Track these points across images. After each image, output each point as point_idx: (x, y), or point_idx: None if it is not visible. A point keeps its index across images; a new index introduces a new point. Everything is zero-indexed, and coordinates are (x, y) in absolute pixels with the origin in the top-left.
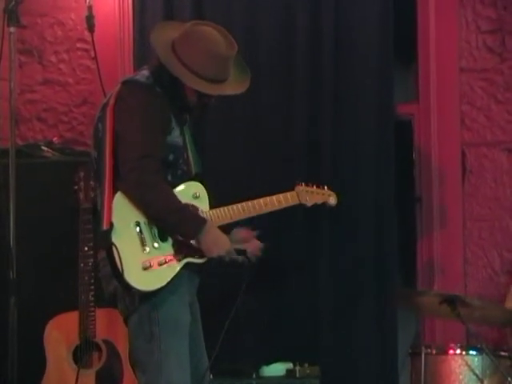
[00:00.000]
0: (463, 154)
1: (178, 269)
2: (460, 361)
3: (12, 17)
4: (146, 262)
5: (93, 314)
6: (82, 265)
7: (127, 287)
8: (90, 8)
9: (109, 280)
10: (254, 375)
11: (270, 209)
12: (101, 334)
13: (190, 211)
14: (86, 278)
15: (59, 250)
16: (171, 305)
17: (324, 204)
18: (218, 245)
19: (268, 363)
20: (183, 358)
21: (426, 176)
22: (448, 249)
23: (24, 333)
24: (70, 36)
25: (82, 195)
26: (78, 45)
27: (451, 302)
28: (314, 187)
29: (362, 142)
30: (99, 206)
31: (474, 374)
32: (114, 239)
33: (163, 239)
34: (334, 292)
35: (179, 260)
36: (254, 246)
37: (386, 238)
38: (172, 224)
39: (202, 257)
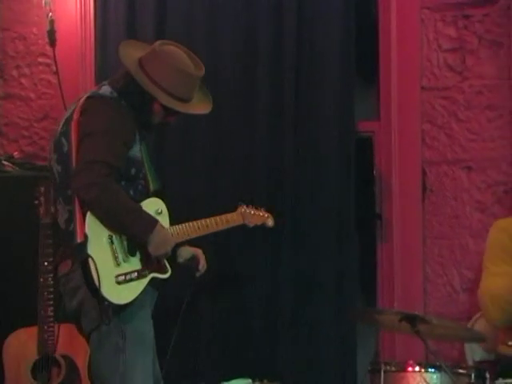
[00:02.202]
0: (423, 172)
1: (146, 283)
2: (419, 378)
3: None
4: (118, 275)
5: (52, 329)
6: (41, 280)
7: (102, 300)
8: (51, 22)
9: (72, 295)
10: None
11: (220, 228)
12: (60, 349)
13: (144, 211)
14: (46, 293)
15: (19, 265)
16: (139, 319)
17: (263, 225)
18: (165, 244)
19: (227, 379)
20: (147, 372)
21: (386, 193)
22: (408, 266)
23: None
24: (32, 50)
25: (42, 210)
26: (40, 59)
27: (411, 319)
28: (254, 209)
29: (323, 158)
30: (61, 219)
31: None
32: (90, 252)
33: (132, 253)
34: (293, 307)
35: (146, 275)
36: (203, 261)
37: (346, 253)
38: (126, 224)
39: (165, 272)
